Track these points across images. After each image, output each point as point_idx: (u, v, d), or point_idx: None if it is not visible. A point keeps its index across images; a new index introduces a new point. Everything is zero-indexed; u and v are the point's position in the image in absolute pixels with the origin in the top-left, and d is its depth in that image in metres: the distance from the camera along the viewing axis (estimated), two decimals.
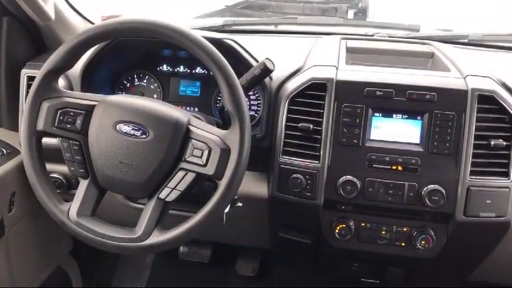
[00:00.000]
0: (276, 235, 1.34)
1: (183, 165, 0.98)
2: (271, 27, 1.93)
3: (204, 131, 0.99)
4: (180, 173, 0.98)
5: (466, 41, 1.67)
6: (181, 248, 1.82)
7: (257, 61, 1.24)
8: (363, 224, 1.21)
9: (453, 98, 1.13)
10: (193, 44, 0.96)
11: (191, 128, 0.99)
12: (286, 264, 1.55)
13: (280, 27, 1.95)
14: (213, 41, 1.12)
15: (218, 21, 1.76)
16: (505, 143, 1.12)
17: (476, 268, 1.34)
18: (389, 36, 1.63)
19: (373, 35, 1.65)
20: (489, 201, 1.13)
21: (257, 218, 1.34)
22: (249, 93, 1.37)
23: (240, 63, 1.23)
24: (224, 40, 1.23)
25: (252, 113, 1.38)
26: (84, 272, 1.80)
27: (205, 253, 1.79)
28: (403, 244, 1.21)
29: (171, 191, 0.99)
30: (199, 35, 0.97)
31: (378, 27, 1.75)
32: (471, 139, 1.12)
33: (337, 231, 1.21)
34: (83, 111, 1.01)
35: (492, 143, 1.12)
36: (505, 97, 1.14)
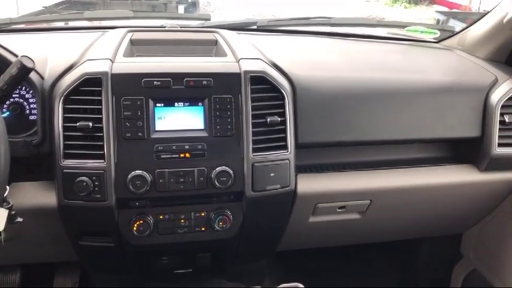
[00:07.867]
0: (77, 244, 1.25)
1: None
2: (61, 24, 1.81)
3: None
4: None
5: (255, 27, 1.76)
6: None
7: None
8: (161, 217, 1.19)
9: (228, 82, 1.18)
10: None
11: None
12: (101, 272, 1.47)
13: (72, 24, 1.84)
14: None
15: None
16: (279, 119, 1.20)
17: (280, 239, 1.43)
18: (181, 27, 1.64)
19: (165, 27, 1.64)
20: (273, 174, 1.20)
21: (53, 230, 1.23)
22: (27, 96, 1.25)
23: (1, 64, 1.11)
24: None
25: (34, 117, 1.25)
26: None
27: (13, 278, 1.61)
28: (203, 229, 1.22)
29: None
30: None
31: (171, 19, 1.75)
32: (249, 119, 1.18)
33: (135, 228, 1.17)
34: None
35: (268, 120, 1.19)
36: (275, 77, 1.22)
